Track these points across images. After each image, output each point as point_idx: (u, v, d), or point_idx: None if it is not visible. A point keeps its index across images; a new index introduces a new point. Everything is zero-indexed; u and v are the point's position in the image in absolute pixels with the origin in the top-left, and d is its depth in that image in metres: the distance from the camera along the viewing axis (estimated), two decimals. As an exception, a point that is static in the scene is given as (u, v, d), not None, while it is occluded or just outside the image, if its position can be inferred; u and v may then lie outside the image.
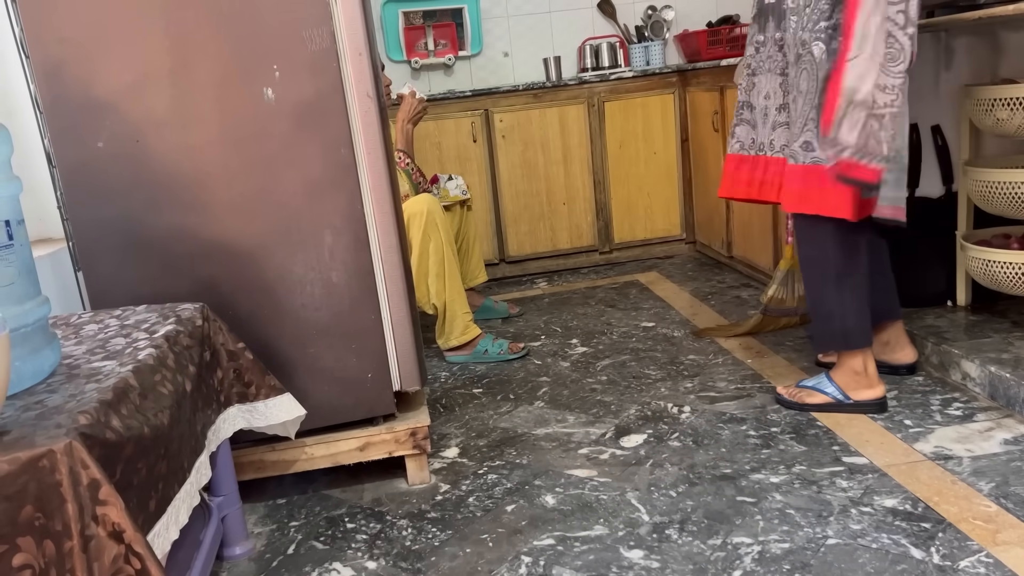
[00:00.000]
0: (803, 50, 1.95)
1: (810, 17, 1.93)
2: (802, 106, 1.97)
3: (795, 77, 1.99)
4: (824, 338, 2.14)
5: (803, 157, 1.98)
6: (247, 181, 1.80)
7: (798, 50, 1.97)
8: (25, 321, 1.19)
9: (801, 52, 1.96)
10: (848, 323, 2.07)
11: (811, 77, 1.94)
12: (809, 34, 1.93)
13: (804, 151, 1.98)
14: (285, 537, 1.82)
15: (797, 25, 1.98)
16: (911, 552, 1.51)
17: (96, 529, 0.97)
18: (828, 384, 2.14)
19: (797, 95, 1.98)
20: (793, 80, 2.00)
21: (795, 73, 1.99)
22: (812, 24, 1.92)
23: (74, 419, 1.02)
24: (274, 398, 1.70)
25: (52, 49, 1.70)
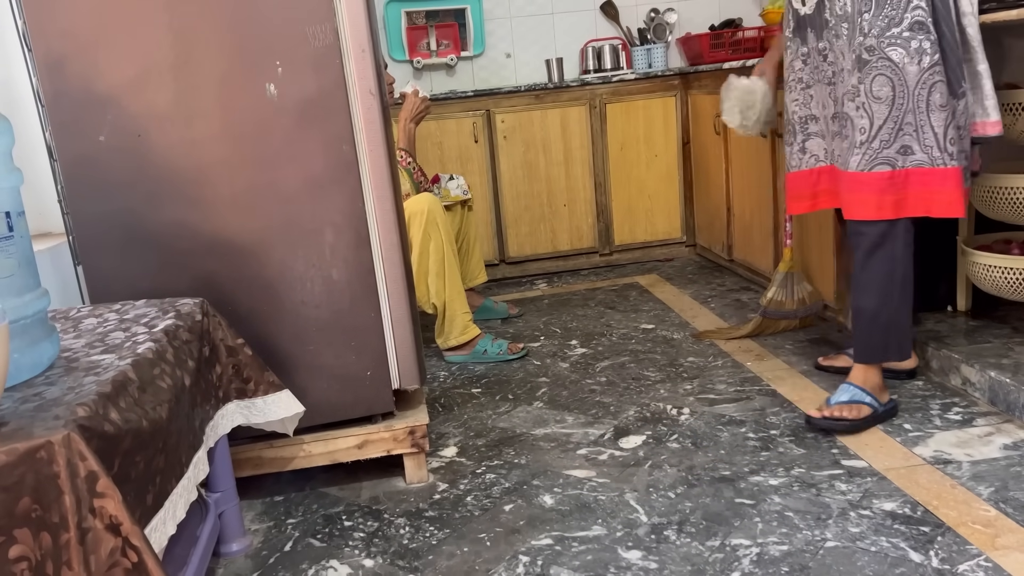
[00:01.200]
0: (871, 55, 1.91)
1: (872, 23, 1.90)
2: (890, 112, 1.92)
3: (860, 84, 1.93)
4: (880, 349, 2.09)
5: (902, 162, 1.94)
6: (248, 177, 1.79)
7: (862, 56, 1.92)
8: (24, 313, 1.19)
9: (868, 58, 1.91)
10: (906, 333, 2.07)
11: (892, 83, 1.90)
12: (877, 40, 1.89)
13: (903, 155, 1.93)
14: (282, 534, 1.81)
15: (853, 32, 1.94)
16: (910, 555, 1.51)
17: (93, 521, 0.96)
18: (864, 394, 2.07)
19: (872, 102, 1.93)
20: (857, 87, 1.94)
21: (856, 80, 1.94)
22: (879, 31, 1.89)
23: (72, 411, 1.01)
24: (273, 395, 1.70)
25: (54, 43, 1.70)
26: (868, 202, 1.96)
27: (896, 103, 1.91)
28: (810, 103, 2.13)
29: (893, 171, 1.94)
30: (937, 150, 1.91)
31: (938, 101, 1.89)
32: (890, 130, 1.93)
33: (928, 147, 1.92)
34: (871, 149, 1.95)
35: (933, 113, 1.90)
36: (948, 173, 1.91)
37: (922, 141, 1.92)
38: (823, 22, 2.03)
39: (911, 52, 1.88)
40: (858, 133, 1.96)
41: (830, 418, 2.03)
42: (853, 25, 1.94)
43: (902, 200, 1.95)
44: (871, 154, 1.95)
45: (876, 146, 1.94)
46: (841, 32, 1.98)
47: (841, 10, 1.97)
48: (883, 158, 1.94)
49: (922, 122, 1.91)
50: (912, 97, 1.90)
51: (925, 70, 1.88)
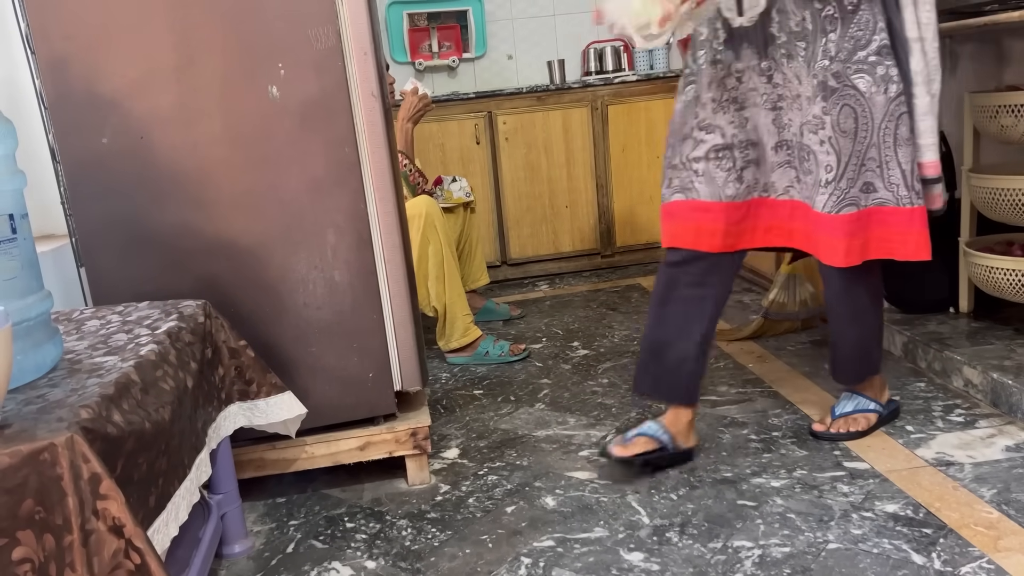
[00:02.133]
0: (837, 82, 1.70)
1: (839, 46, 1.69)
2: (853, 147, 1.73)
3: (826, 115, 1.71)
4: (865, 370, 2.01)
5: (865, 201, 1.75)
6: (251, 179, 1.80)
7: (829, 82, 1.70)
8: (27, 315, 1.19)
9: (836, 85, 1.70)
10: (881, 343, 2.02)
11: (856, 115, 1.71)
12: (842, 66, 1.69)
13: (865, 194, 1.75)
14: (284, 536, 1.81)
15: (814, 54, 1.71)
16: (912, 557, 1.51)
17: (96, 523, 0.96)
18: (868, 401, 2.03)
19: (839, 136, 1.71)
20: (822, 119, 1.72)
21: (821, 110, 1.71)
22: (846, 56, 1.69)
23: (75, 413, 1.02)
24: (275, 396, 1.70)
25: (58, 45, 1.70)
26: (837, 248, 1.76)
27: (859, 136, 1.72)
28: (746, 127, 1.83)
29: (859, 211, 1.75)
30: (904, 188, 1.74)
31: (905, 135, 1.72)
32: (855, 167, 1.73)
33: (894, 185, 1.74)
34: (839, 189, 1.73)
35: (900, 148, 1.73)
36: (915, 213, 1.74)
37: (887, 178, 1.74)
38: (767, 38, 1.76)
39: (877, 80, 1.70)
40: (823, 171, 1.74)
41: (838, 434, 1.99)
42: (814, 46, 1.70)
43: (866, 242, 1.77)
44: (839, 195, 1.74)
45: (844, 185, 1.73)
46: (795, 52, 1.73)
47: (798, 26, 1.72)
48: (850, 198, 1.74)
49: (888, 158, 1.73)
50: (877, 131, 1.72)
51: (892, 100, 1.70)
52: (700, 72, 1.83)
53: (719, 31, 1.80)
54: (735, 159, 1.84)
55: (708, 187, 1.83)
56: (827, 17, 1.69)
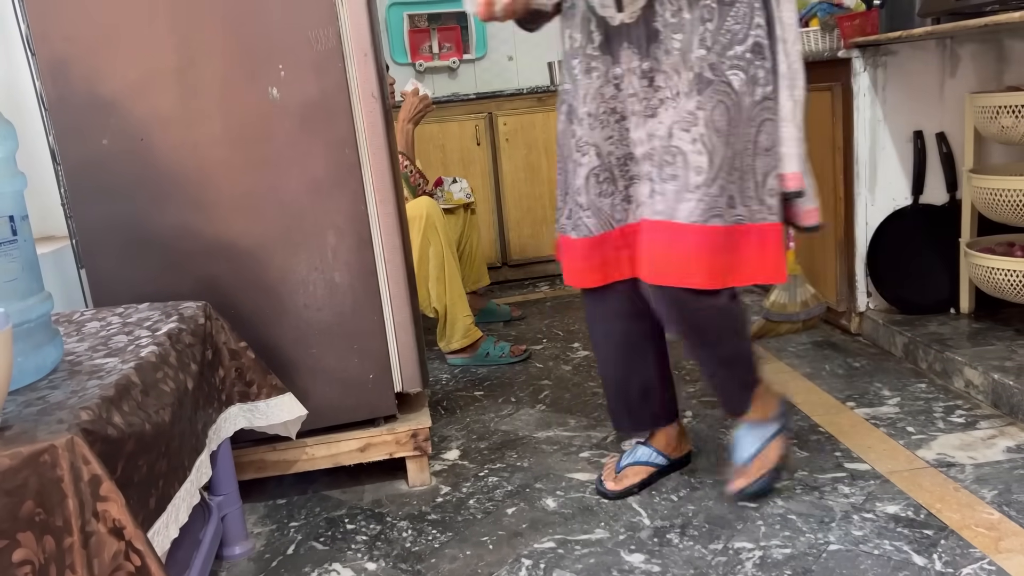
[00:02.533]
0: (713, 75, 1.52)
1: (715, 38, 1.52)
2: (725, 151, 1.53)
3: (700, 110, 1.52)
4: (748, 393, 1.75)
5: (729, 216, 1.54)
6: (251, 180, 1.80)
7: (704, 74, 1.52)
8: (28, 317, 1.19)
9: (712, 78, 1.52)
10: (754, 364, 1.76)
11: (729, 115, 1.53)
12: (719, 58, 1.52)
13: (729, 208, 1.54)
14: (285, 537, 1.81)
15: (690, 44, 1.52)
16: (913, 559, 1.51)
17: (96, 525, 0.96)
18: (765, 426, 1.77)
19: (713, 134, 1.52)
20: (695, 114, 1.52)
21: (695, 105, 1.52)
22: (721, 49, 1.52)
23: (76, 415, 1.02)
24: (275, 398, 1.70)
25: (58, 47, 1.70)
26: (699, 263, 1.53)
27: (730, 140, 1.54)
28: (626, 139, 1.63)
29: (725, 227, 1.54)
30: (756, 202, 1.57)
31: (764, 144, 1.57)
32: (726, 173, 1.54)
33: (748, 198, 1.56)
34: (708, 195, 1.52)
35: (759, 158, 1.57)
36: (768, 231, 1.58)
37: (743, 191, 1.56)
38: (650, 33, 1.55)
39: (749, 79, 1.54)
40: (693, 173, 1.53)
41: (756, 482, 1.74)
42: (690, 36, 1.53)
43: (729, 263, 1.56)
44: (708, 201, 1.52)
45: (715, 191, 1.52)
46: (672, 46, 1.54)
47: (674, 17, 1.53)
48: (719, 209, 1.53)
49: (747, 167, 1.56)
50: (743, 136, 1.55)
51: (757, 103, 1.55)
52: (576, 84, 1.65)
53: (593, 34, 1.61)
54: (616, 179, 1.65)
55: (596, 219, 1.66)
56: (705, 7, 1.52)
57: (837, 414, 2.16)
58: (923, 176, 2.63)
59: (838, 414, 2.16)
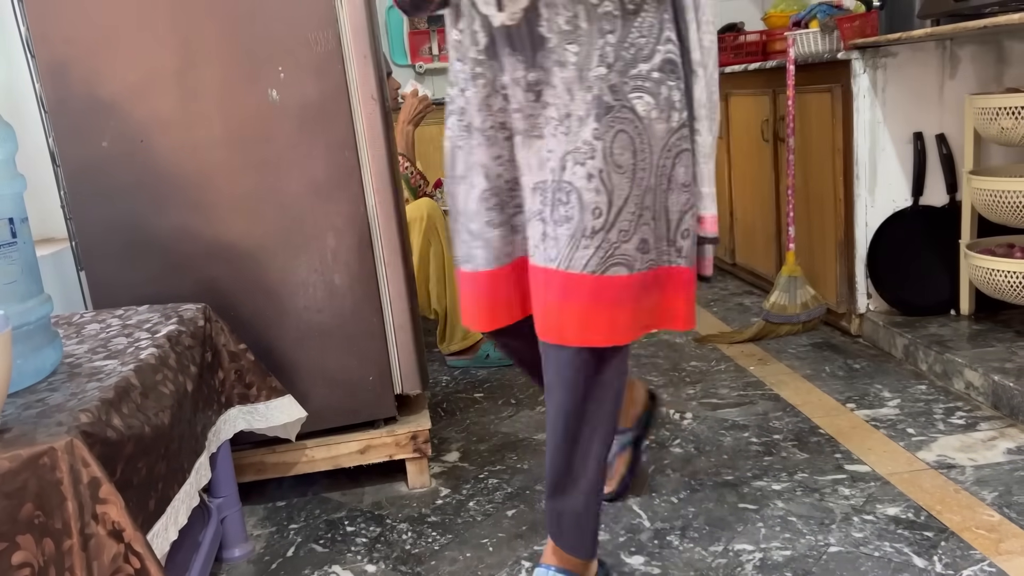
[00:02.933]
0: (614, 99, 1.28)
1: (618, 54, 1.28)
2: (631, 189, 1.29)
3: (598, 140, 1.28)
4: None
5: (641, 262, 1.32)
6: (251, 182, 1.80)
7: (604, 97, 1.28)
8: (27, 319, 1.19)
9: (611, 101, 1.28)
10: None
11: (634, 146, 1.29)
12: (619, 78, 1.28)
13: (641, 253, 1.32)
14: (284, 540, 1.81)
15: (588, 59, 1.28)
16: (913, 561, 1.51)
17: (96, 528, 0.96)
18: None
19: (613, 171, 1.28)
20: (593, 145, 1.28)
21: (592, 134, 1.28)
22: (624, 66, 1.28)
23: (75, 417, 1.01)
24: (275, 400, 1.70)
25: (58, 49, 1.71)
26: (598, 321, 1.30)
27: (637, 176, 1.30)
28: (515, 161, 1.40)
29: (631, 276, 1.31)
30: (666, 243, 1.36)
31: (681, 177, 1.34)
32: (631, 215, 1.30)
33: (659, 239, 1.35)
34: (607, 242, 1.29)
35: (673, 194, 1.35)
36: (678, 275, 1.38)
37: (656, 231, 1.34)
38: (536, 40, 1.30)
39: (660, 103, 1.30)
40: (590, 216, 1.28)
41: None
42: (588, 49, 1.28)
43: (635, 315, 1.34)
44: (607, 249, 1.29)
45: (614, 238, 1.29)
46: (567, 59, 1.29)
47: (569, 24, 1.28)
48: (621, 256, 1.30)
49: (660, 206, 1.34)
50: (655, 169, 1.31)
51: (674, 131, 1.32)
52: (462, 92, 1.41)
53: (478, 35, 1.36)
54: (504, 205, 1.42)
55: (485, 251, 1.43)
56: (605, 15, 1.28)
57: (837, 416, 2.16)
58: (923, 177, 2.63)
59: (838, 416, 2.16)
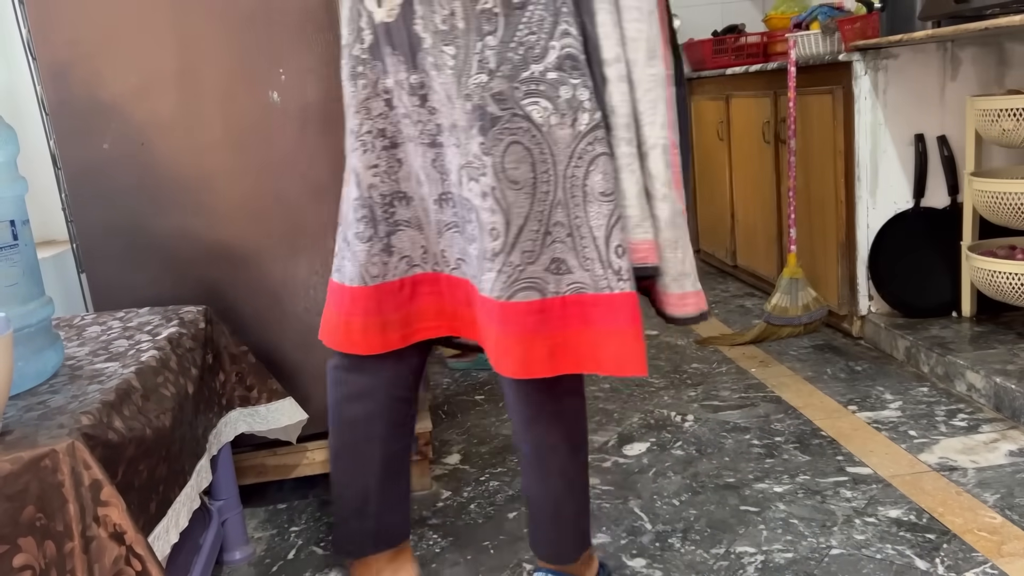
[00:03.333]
0: (500, 108, 1.14)
1: (502, 58, 1.14)
2: (531, 206, 1.16)
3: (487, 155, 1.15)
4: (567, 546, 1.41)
5: (555, 285, 1.18)
6: (252, 184, 1.80)
7: (488, 108, 1.15)
8: (28, 321, 1.19)
9: (500, 113, 1.14)
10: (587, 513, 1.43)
11: (532, 158, 1.15)
12: (507, 84, 1.14)
13: (555, 275, 1.18)
14: (285, 542, 1.81)
15: (464, 63, 1.16)
16: (915, 563, 1.50)
17: (97, 530, 0.96)
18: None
19: (508, 187, 1.15)
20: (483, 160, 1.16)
21: (480, 148, 1.16)
22: (512, 69, 1.14)
23: (76, 419, 1.01)
24: (276, 402, 1.70)
25: (59, 51, 1.71)
26: (511, 350, 1.18)
27: (539, 191, 1.16)
28: (398, 172, 1.28)
29: (545, 299, 1.18)
30: (599, 265, 1.17)
31: (599, 186, 1.16)
32: (535, 234, 1.17)
33: (588, 260, 1.18)
34: (509, 264, 1.17)
35: (592, 206, 1.17)
36: (617, 302, 1.18)
37: (580, 251, 1.18)
38: (413, 40, 1.19)
39: (560, 106, 1.15)
40: (488, 237, 1.17)
41: None
42: (466, 52, 1.16)
43: (560, 347, 1.19)
44: (510, 273, 1.17)
45: (516, 260, 1.17)
46: (443, 60, 1.17)
47: (445, 23, 1.16)
48: (528, 279, 1.17)
49: (578, 220, 1.17)
50: (562, 180, 1.16)
51: (581, 135, 1.16)
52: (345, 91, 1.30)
53: (364, 31, 1.24)
54: (376, 220, 1.29)
55: (352, 264, 1.31)
56: (484, 12, 1.14)
57: (839, 418, 2.16)
58: (924, 179, 2.63)
59: (840, 418, 2.16)
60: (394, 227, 1.29)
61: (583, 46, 1.16)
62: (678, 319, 1.28)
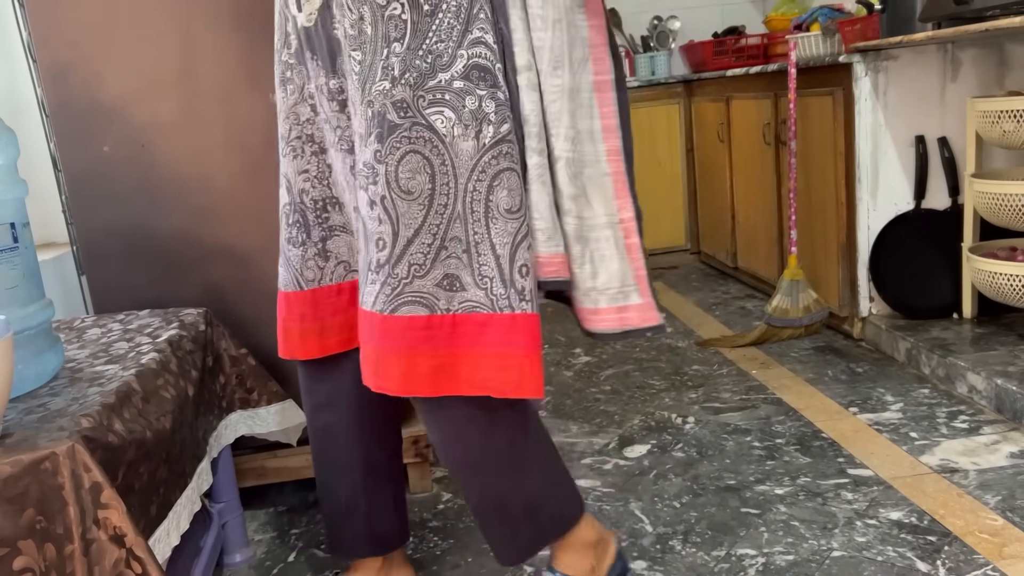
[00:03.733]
0: (401, 116, 1.11)
1: (407, 65, 1.11)
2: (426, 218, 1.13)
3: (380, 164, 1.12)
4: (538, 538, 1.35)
5: (446, 302, 1.14)
6: (252, 186, 1.80)
7: (388, 115, 1.12)
8: (29, 324, 1.19)
9: (396, 119, 1.11)
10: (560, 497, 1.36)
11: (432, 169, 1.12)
12: (411, 93, 1.11)
13: (447, 291, 1.14)
14: (286, 545, 1.81)
15: (370, 70, 1.14)
16: (917, 565, 1.50)
17: (97, 533, 0.96)
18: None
19: (399, 197, 1.12)
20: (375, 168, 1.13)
21: (374, 155, 1.13)
22: (418, 78, 1.11)
23: (76, 422, 1.01)
24: (276, 404, 1.70)
25: (59, 53, 1.71)
26: (389, 365, 1.14)
27: (435, 203, 1.13)
28: (328, 177, 1.29)
29: (430, 316, 1.14)
30: (500, 284, 1.14)
31: (504, 203, 1.13)
32: (427, 247, 1.13)
33: (486, 279, 1.14)
34: (393, 277, 1.13)
35: (496, 222, 1.13)
36: (517, 323, 1.14)
37: (477, 268, 1.14)
38: (332, 45, 1.20)
39: (464, 117, 1.12)
40: (374, 247, 1.14)
41: None
42: (372, 59, 1.14)
43: (448, 366, 1.15)
44: (394, 284, 1.13)
45: (402, 273, 1.13)
46: (352, 66, 1.17)
47: (353, 27, 1.15)
48: (414, 294, 1.14)
49: (478, 236, 1.14)
50: (462, 194, 1.13)
51: (486, 149, 1.12)
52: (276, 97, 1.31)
53: (289, 37, 1.25)
54: (309, 226, 1.29)
55: (286, 269, 1.32)
56: (392, 19, 1.12)
57: (840, 420, 2.15)
58: (925, 181, 2.62)
59: (841, 420, 2.15)
60: (329, 232, 1.30)
61: (500, 55, 1.14)
62: (594, 334, 1.24)
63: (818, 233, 2.91)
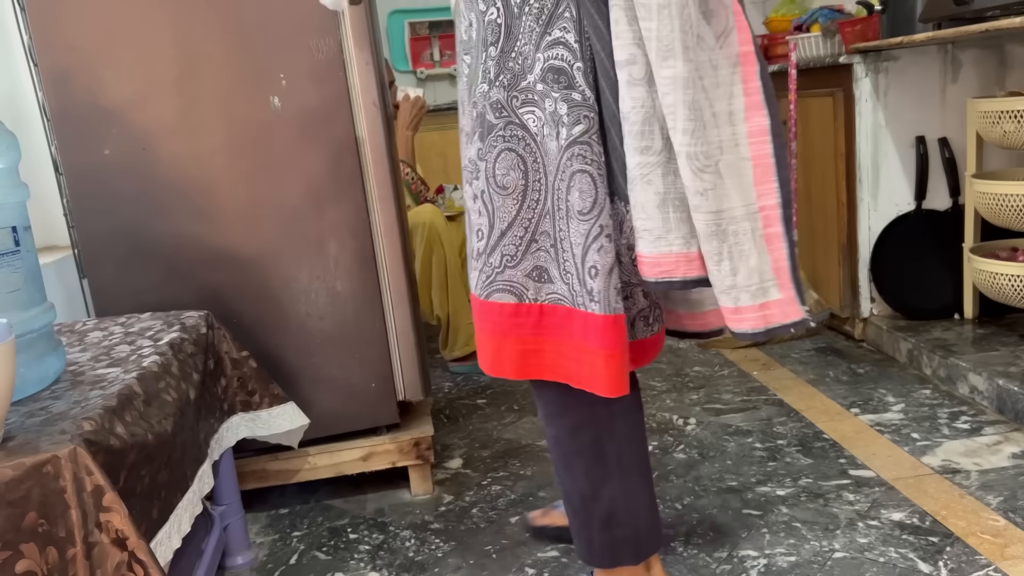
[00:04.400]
0: (497, 116, 1.17)
1: (501, 68, 1.16)
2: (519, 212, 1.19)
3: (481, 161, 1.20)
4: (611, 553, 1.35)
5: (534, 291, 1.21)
6: (253, 189, 1.80)
7: (487, 116, 1.18)
8: (30, 327, 1.19)
9: (493, 120, 1.18)
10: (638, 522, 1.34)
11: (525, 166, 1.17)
12: (506, 94, 1.16)
13: (536, 281, 1.20)
14: (287, 547, 1.81)
15: (474, 73, 1.20)
16: (919, 566, 1.50)
17: (99, 536, 0.96)
18: None
19: (496, 192, 1.18)
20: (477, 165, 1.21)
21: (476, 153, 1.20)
22: (512, 79, 1.16)
23: (78, 425, 1.01)
24: (277, 407, 1.70)
25: (60, 57, 1.71)
26: (484, 345, 1.25)
27: (528, 198, 1.18)
28: None
29: (519, 304, 1.21)
30: (576, 281, 1.17)
31: (576, 204, 1.14)
32: (518, 240, 1.19)
33: (568, 274, 1.18)
34: (488, 266, 1.21)
35: (572, 222, 1.15)
36: (592, 323, 1.16)
37: (561, 263, 1.18)
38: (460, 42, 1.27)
39: (547, 118, 1.15)
40: (475, 237, 1.23)
41: None
42: (476, 62, 1.20)
43: (533, 352, 1.22)
44: (489, 273, 1.21)
45: (496, 262, 1.20)
46: (462, 69, 1.24)
47: (465, 32, 1.22)
48: (505, 282, 1.20)
49: (562, 233, 1.17)
50: (552, 191, 1.17)
51: (563, 150, 1.14)
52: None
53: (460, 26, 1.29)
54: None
55: None
56: (490, 24, 1.16)
57: (841, 421, 2.15)
58: (925, 181, 2.62)
59: (842, 421, 2.15)
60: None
61: (581, 54, 1.13)
62: (736, 334, 1.18)
63: (819, 234, 2.91)
